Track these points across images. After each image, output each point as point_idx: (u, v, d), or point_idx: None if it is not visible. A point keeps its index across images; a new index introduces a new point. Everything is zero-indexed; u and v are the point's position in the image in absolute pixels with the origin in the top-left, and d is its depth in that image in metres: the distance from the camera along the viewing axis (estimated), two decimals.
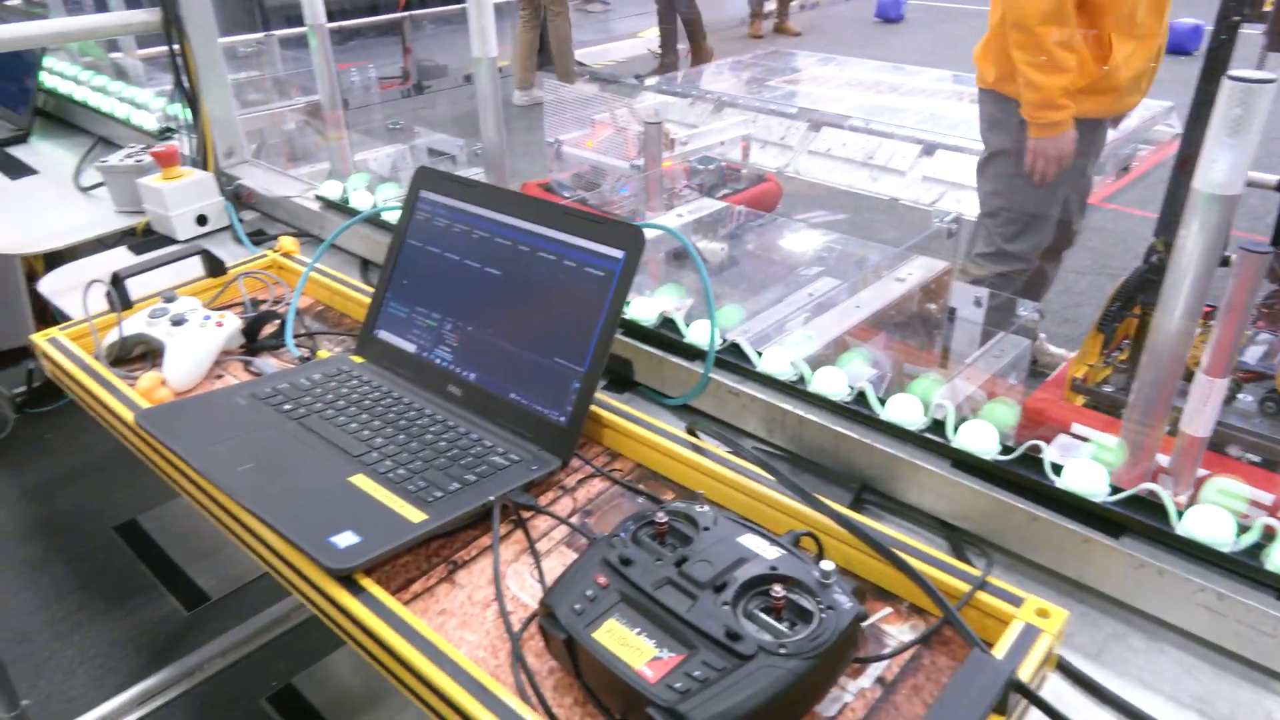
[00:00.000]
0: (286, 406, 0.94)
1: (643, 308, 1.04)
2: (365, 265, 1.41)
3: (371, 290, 1.15)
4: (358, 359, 1.07)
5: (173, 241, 1.52)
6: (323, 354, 1.10)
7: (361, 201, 1.45)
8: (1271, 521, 0.67)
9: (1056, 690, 0.66)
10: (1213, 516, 0.68)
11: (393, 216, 1.35)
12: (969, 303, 1.88)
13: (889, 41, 7.34)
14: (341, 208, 1.46)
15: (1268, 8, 1.99)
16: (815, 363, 0.93)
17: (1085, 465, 0.74)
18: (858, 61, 6.38)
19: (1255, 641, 0.66)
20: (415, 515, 0.78)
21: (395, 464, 0.85)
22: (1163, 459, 0.95)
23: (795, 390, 0.91)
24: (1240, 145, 0.78)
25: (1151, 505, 0.72)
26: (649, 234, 0.92)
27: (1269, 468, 2.12)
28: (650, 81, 5.84)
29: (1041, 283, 2.69)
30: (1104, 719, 0.64)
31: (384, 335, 1.06)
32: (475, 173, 2.84)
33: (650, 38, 7.67)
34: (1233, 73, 0.81)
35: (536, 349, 0.92)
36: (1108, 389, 2.39)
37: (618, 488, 0.87)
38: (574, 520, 0.82)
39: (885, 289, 1.39)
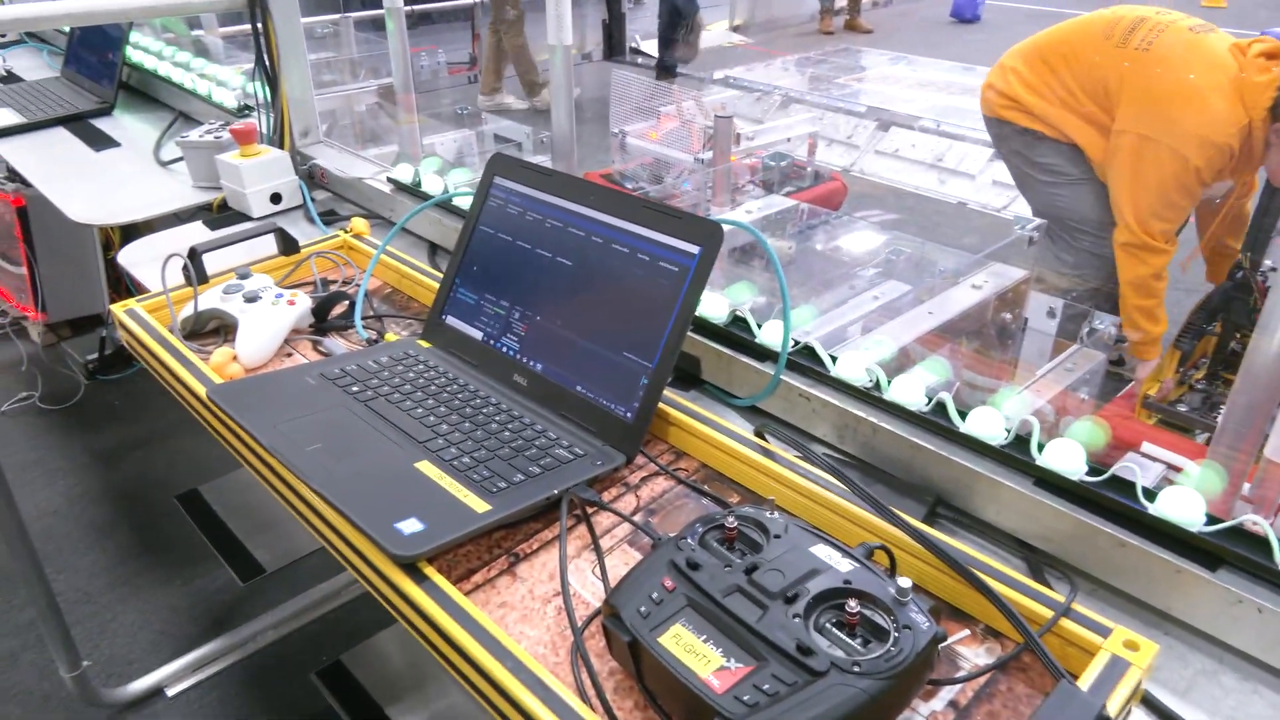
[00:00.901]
0: (355, 388, 0.95)
1: (712, 305, 1.02)
2: (434, 250, 1.41)
3: (440, 275, 1.15)
4: (425, 344, 1.07)
5: (247, 218, 1.55)
6: (390, 337, 1.11)
7: (433, 186, 1.45)
8: None
9: None
10: None
11: (464, 202, 1.35)
12: (1042, 313, 1.82)
13: (963, 42, 7.17)
14: (413, 191, 1.47)
15: None
16: (887, 369, 0.90)
17: (1182, 493, 0.70)
18: (929, 61, 6.24)
19: None
20: (480, 505, 0.77)
21: (460, 452, 0.84)
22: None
23: (870, 397, 0.88)
24: None
25: (1250, 537, 0.68)
26: None
27: None
28: (719, 74, 5.78)
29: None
30: None
31: (452, 321, 1.06)
32: (542, 160, 2.84)
33: (718, 31, 7.61)
34: None
35: (605, 343, 0.91)
36: (1182, 408, 2.29)
37: (682, 488, 0.86)
38: (637, 519, 0.81)
39: (960, 296, 1.35)
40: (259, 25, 1.63)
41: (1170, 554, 0.69)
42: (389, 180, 1.54)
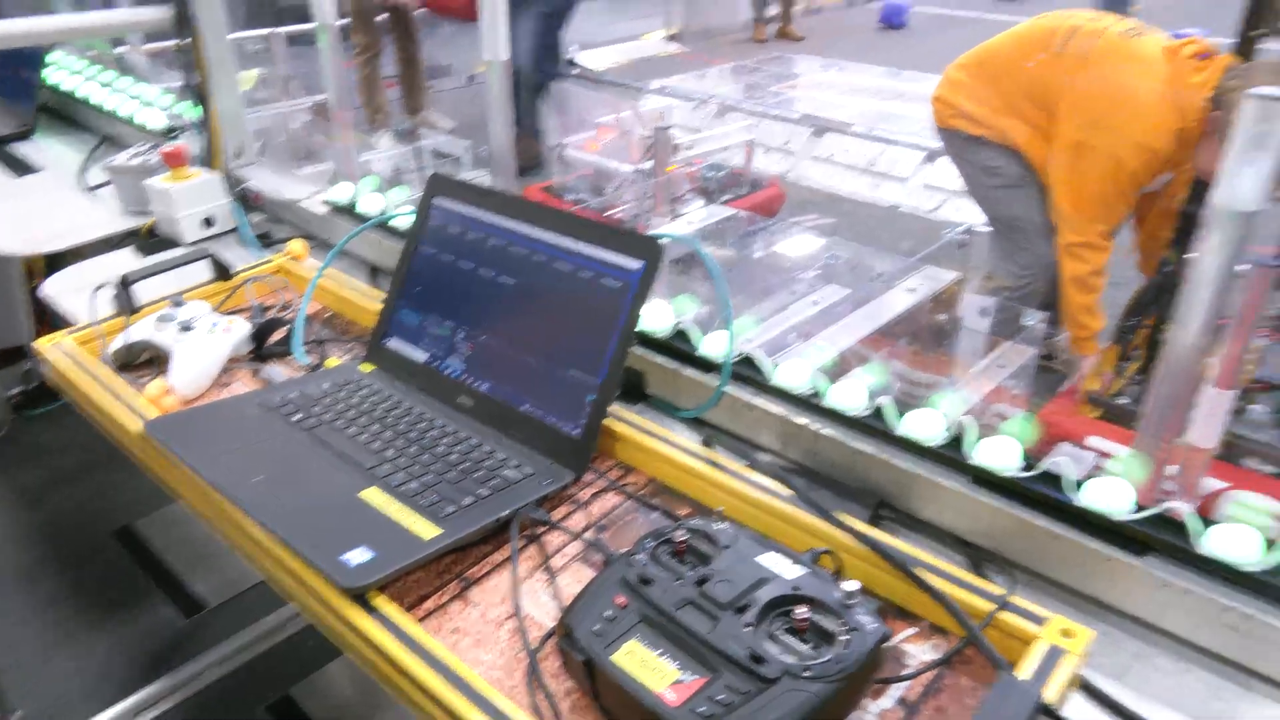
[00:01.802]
0: (296, 416, 0.93)
1: (656, 318, 1.03)
2: (374, 271, 1.40)
3: (381, 297, 1.14)
4: (367, 367, 1.06)
5: (179, 244, 1.51)
6: (332, 362, 1.09)
7: (371, 206, 1.44)
8: None
9: (1080, 711, 0.65)
10: (1237, 534, 0.67)
11: (403, 222, 1.34)
12: (975, 313, 1.87)
13: (892, 48, 7.34)
14: (351, 213, 1.45)
15: None
16: (827, 374, 0.92)
17: (1108, 482, 0.73)
18: (860, 67, 6.38)
19: (1276, 654, 0.65)
20: (429, 530, 0.76)
21: (408, 477, 0.84)
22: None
23: (810, 404, 0.90)
24: (1262, 161, 0.77)
25: (1175, 523, 0.72)
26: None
27: None
28: (655, 84, 5.83)
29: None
30: None
31: (394, 344, 1.05)
32: (481, 174, 2.82)
33: (654, 41, 7.67)
34: (1255, 90, 0.81)
35: (551, 360, 0.91)
36: (1122, 401, 2.38)
37: (632, 502, 0.86)
38: (589, 536, 0.81)
39: (895, 300, 1.38)
40: (185, 42, 1.59)
41: (1100, 543, 0.72)
42: (326, 202, 1.52)
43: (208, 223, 1.54)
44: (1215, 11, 2.09)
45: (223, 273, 1.27)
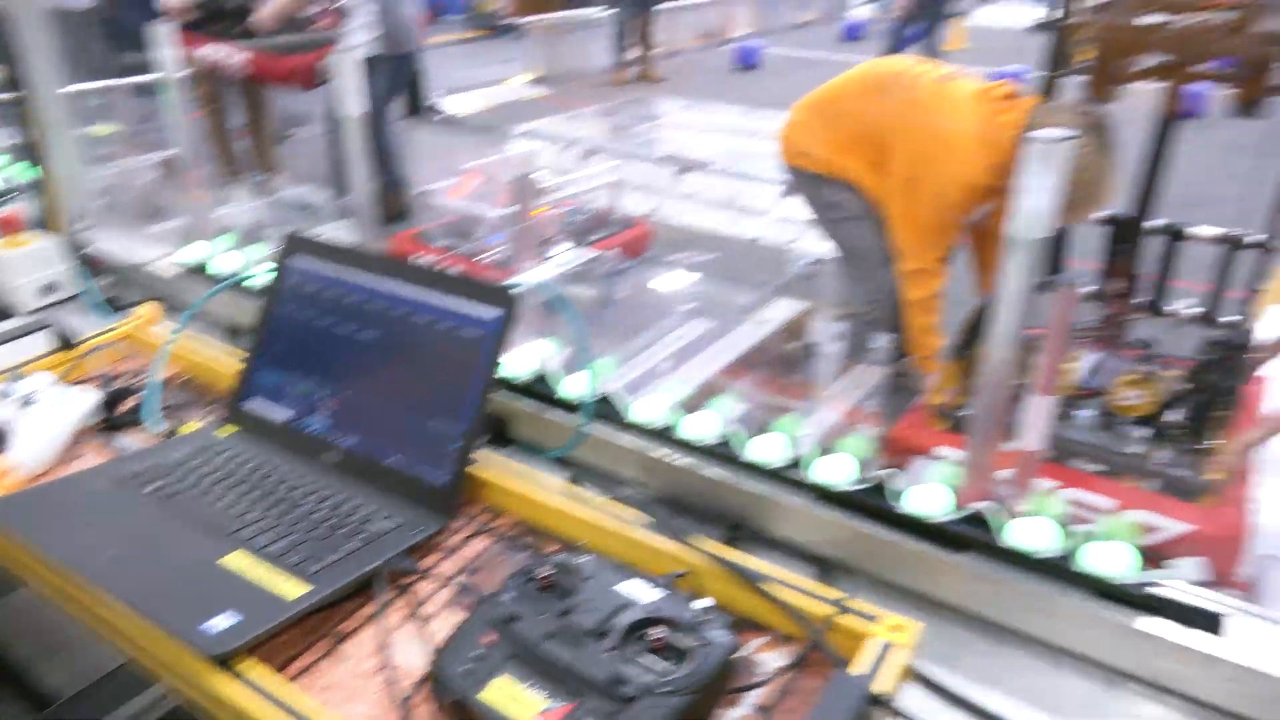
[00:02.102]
0: (152, 486, 0.91)
1: (519, 362, 1.06)
2: (233, 332, 1.38)
3: (240, 358, 1.13)
4: (227, 430, 1.04)
5: (16, 314, 1.44)
6: (189, 427, 1.07)
7: (226, 265, 1.42)
8: (1086, 527, 0.76)
9: (916, 700, 0.72)
10: (1034, 527, 0.76)
11: (262, 280, 1.33)
12: (828, 338, 1.99)
13: (747, 87, 7.69)
14: (204, 273, 1.42)
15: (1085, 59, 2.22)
16: (687, 406, 0.98)
17: (927, 488, 0.81)
18: (718, 107, 6.65)
19: (1079, 635, 0.74)
20: (295, 590, 0.77)
21: (273, 537, 0.84)
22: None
23: (667, 436, 0.95)
24: (1045, 194, 0.88)
25: (986, 520, 0.80)
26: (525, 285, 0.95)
27: (1111, 476, 2.33)
28: (520, 128, 5.89)
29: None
30: None
31: (254, 405, 1.05)
32: (341, 225, 2.79)
33: (518, 85, 7.76)
34: (1036, 131, 0.93)
35: (415, 411, 0.93)
36: (967, 413, 2.57)
37: (502, 543, 0.89)
38: (459, 580, 0.83)
39: (751, 331, 1.47)
40: (17, 95, 1.53)
41: (924, 544, 0.80)
42: (178, 263, 1.48)
43: (49, 290, 1.48)
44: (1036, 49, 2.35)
45: (66, 342, 1.22)
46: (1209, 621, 0.71)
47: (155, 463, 0.96)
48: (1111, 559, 0.73)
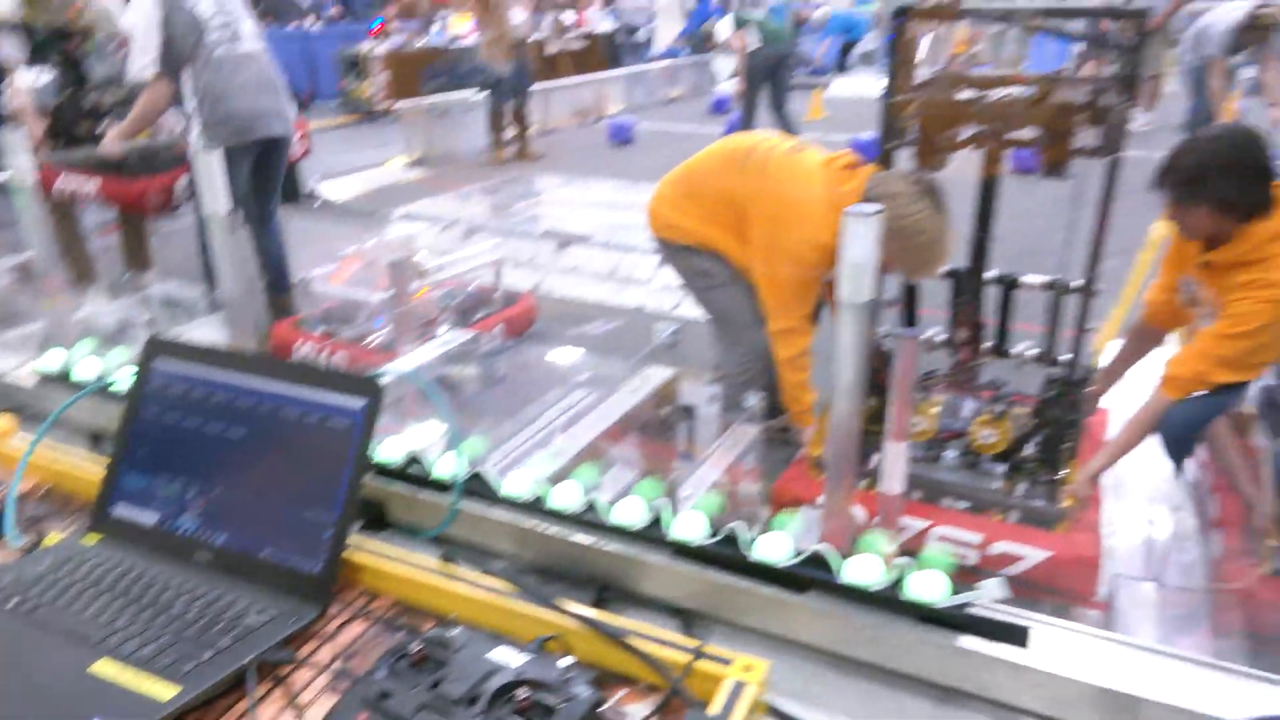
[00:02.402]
0: (11, 603, 0.90)
1: (392, 448, 1.10)
2: (96, 439, 1.35)
3: (105, 464, 1.12)
4: (92, 539, 1.03)
5: None
6: (51, 539, 1.05)
7: (87, 371, 1.40)
8: (907, 560, 0.85)
9: None
10: (864, 564, 0.85)
11: (127, 384, 1.32)
12: (703, 399, 2.09)
13: (622, 162, 7.96)
14: (65, 380, 1.40)
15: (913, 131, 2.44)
16: (556, 477, 1.03)
17: (772, 536, 0.89)
18: (596, 182, 6.87)
19: (910, 658, 0.82)
20: (166, 692, 0.78)
21: (142, 642, 0.84)
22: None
23: (535, 508, 1.00)
24: (865, 262, 0.99)
25: (829, 560, 0.88)
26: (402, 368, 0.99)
27: (976, 511, 2.50)
28: (400, 211, 5.92)
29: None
30: None
31: (121, 510, 1.04)
32: (213, 321, 2.75)
33: (396, 168, 7.79)
34: (850, 208, 1.05)
35: (286, 503, 0.95)
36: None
37: (379, 626, 0.91)
38: (335, 666, 0.85)
39: (622, 399, 1.54)
40: None
41: (772, 588, 0.87)
42: (37, 370, 1.45)
43: None
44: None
45: None
46: (1018, 635, 0.80)
47: (15, 578, 0.94)
48: (930, 586, 0.82)
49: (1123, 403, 2.74)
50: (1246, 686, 0.76)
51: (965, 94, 2.30)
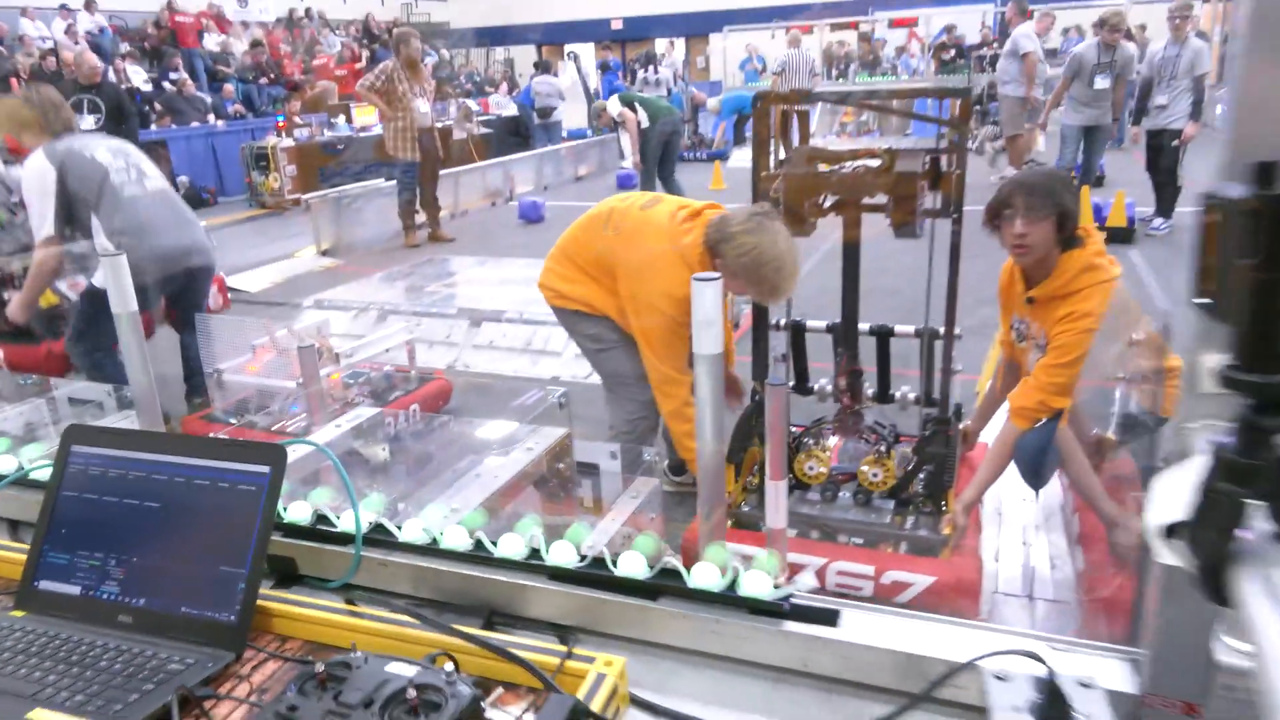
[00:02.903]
0: None
1: (300, 510, 1.22)
2: (15, 526, 1.43)
3: (24, 549, 1.20)
4: (18, 614, 1.12)
5: None
6: None
7: (3, 466, 1.48)
8: (738, 565, 1.02)
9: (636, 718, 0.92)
10: (705, 570, 1.01)
11: (44, 473, 1.40)
12: (606, 456, 2.25)
13: (533, 240, 8.20)
14: None
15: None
16: (449, 525, 1.17)
17: (630, 555, 1.05)
18: (507, 260, 7.06)
19: (747, 646, 0.98)
20: None
21: (72, 693, 0.94)
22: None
23: (431, 550, 1.14)
24: (713, 323, 1.17)
25: (676, 572, 1.04)
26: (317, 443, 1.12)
27: (869, 545, 2.69)
28: (313, 299, 5.98)
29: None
30: None
31: (45, 585, 1.13)
32: (127, 416, 2.79)
33: (307, 258, 7.86)
34: (694, 276, 1.23)
35: (201, 564, 1.07)
36: (745, 509, 2.88)
37: (290, 664, 1.03)
38: (251, 699, 0.96)
39: (517, 459, 1.69)
40: None
41: (632, 599, 1.02)
42: None
43: None
44: None
45: None
46: (830, 617, 0.97)
47: None
48: (759, 584, 0.99)
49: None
50: (1001, 639, 0.93)
51: (822, 167, 2.57)
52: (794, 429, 2.89)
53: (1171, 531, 0.62)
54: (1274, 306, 0.51)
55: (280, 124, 11.03)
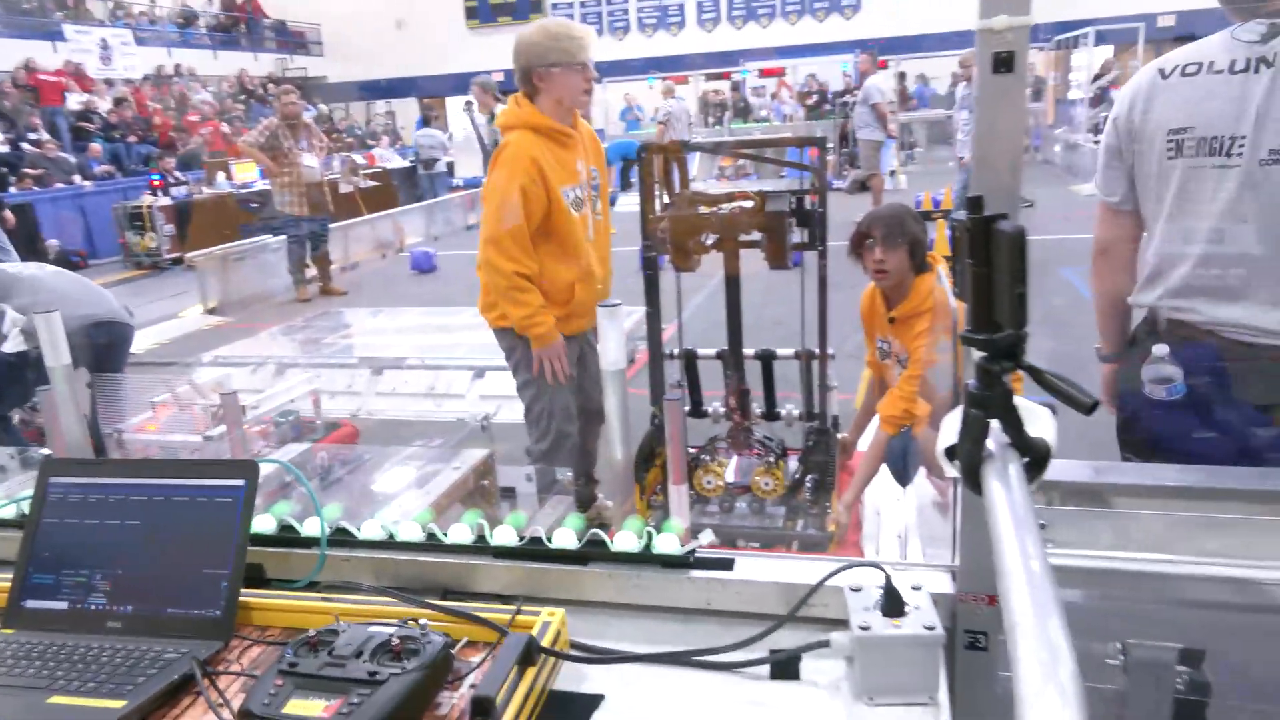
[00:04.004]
0: None
1: (264, 522, 1.38)
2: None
3: (5, 577, 1.31)
4: (7, 631, 1.23)
5: None
6: None
7: None
8: (652, 529, 1.25)
9: (573, 664, 1.13)
10: (625, 538, 1.24)
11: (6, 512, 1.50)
12: (522, 480, 2.45)
13: (427, 290, 8.32)
14: None
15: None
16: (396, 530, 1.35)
17: (563, 531, 1.26)
18: (403, 310, 7.15)
19: (662, 594, 1.21)
20: (116, 705, 1.02)
21: (82, 681, 1.07)
22: None
23: (389, 544, 1.32)
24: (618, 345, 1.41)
25: (603, 541, 1.26)
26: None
27: (765, 547, 2.96)
28: (208, 356, 5.91)
29: (586, 453, 3.41)
30: (607, 669, 1.12)
31: (31, 604, 1.25)
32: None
33: (194, 316, 7.72)
34: (601, 303, 1.47)
35: (185, 568, 1.22)
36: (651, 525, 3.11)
37: (274, 647, 1.18)
38: (243, 678, 1.12)
39: (447, 476, 1.88)
40: None
41: (564, 565, 1.23)
42: None
43: None
44: None
45: None
46: (727, 564, 1.21)
47: None
48: (669, 544, 1.22)
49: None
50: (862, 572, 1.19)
51: (702, 209, 2.88)
52: (691, 449, 3.15)
53: (950, 452, 0.89)
54: (987, 290, 0.79)
55: (156, 182, 10.77)
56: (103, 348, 3.68)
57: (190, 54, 19.24)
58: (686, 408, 3.27)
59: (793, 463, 3.16)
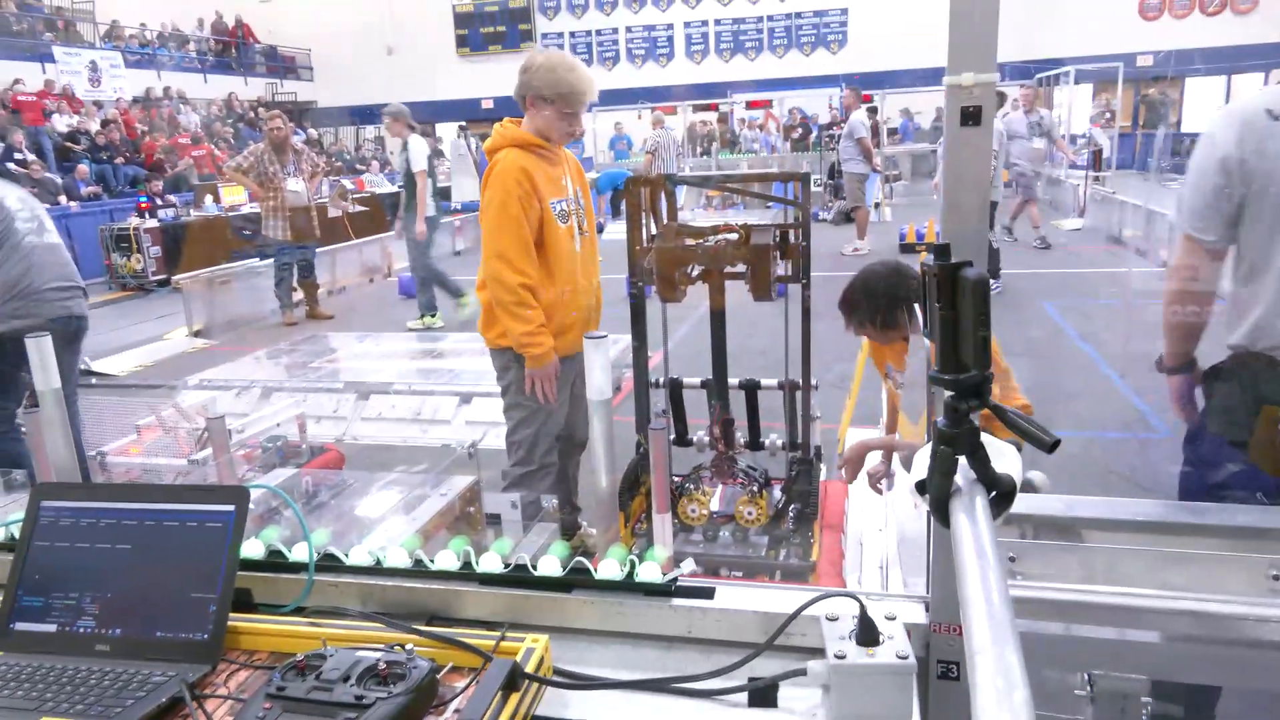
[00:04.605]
0: None
1: (253, 547, 1.40)
2: None
3: None
4: None
5: None
6: None
7: None
8: (634, 558, 1.28)
9: (559, 692, 1.15)
10: (609, 565, 1.27)
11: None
12: (507, 506, 2.47)
13: (415, 314, 8.32)
14: None
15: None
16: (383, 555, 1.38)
17: (547, 559, 1.29)
18: (390, 334, 7.17)
19: (644, 621, 1.24)
20: None
21: (72, 703, 1.09)
22: None
23: (376, 569, 1.34)
24: (602, 372, 1.45)
25: (588, 569, 1.29)
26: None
27: (748, 576, 2.99)
28: (194, 379, 5.90)
29: (567, 480, 3.43)
30: (589, 695, 1.15)
31: (20, 626, 1.26)
32: (16, 499, 2.78)
33: (179, 339, 7.70)
34: (587, 334, 1.50)
35: (174, 592, 1.23)
36: (635, 553, 3.13)
37: (261, 671, 1.20)
38: (231, 701, 1.14)
39: (434, 502, 1.90)
40: None
41: (547, 592, 1.26)
42: None
43: None
44: None
45: None
46: (708, 592, 1.24)
47: None
48: (651, 571, 1.25)
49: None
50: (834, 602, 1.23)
51: (689, 241, 2.93)
52: (676, 478, 3.18)
53: (920, 486, 0.93)
54: (954, 333, 0.83)
55: (143, 204, 10.77)
56: (73, 337, 3.73)
57: (180, 77, 19.33)
58: (671, 436, 3.30)
59: (776, 492, 3.20)
